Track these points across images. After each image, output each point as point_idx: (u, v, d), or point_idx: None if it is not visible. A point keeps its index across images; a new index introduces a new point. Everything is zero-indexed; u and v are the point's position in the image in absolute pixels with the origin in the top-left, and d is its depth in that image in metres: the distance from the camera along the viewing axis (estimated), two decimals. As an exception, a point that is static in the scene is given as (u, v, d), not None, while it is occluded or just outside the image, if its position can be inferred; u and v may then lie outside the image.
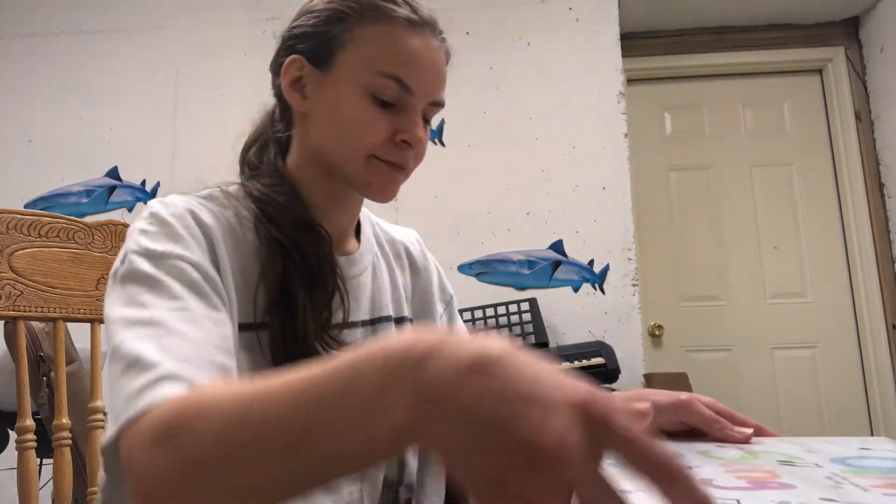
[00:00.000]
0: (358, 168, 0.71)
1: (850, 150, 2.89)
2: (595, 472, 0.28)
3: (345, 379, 0.35)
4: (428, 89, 0.72)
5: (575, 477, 0.28)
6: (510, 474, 0.28)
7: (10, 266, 0.87)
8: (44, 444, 0.98)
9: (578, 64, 2.64)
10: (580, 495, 0.28)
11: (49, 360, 1.53)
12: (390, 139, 0.70)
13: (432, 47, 0.72)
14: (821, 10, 2.91)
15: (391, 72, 0.69)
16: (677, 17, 2.94)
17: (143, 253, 0.61)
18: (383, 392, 0.33)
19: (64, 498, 0.87)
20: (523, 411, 0.29)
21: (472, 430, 0.29)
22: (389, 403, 0.32)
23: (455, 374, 0.31)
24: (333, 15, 0.71)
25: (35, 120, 2.70)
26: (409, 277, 0.87)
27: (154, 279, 0.60)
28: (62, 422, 0.90)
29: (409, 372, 0.32)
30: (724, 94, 3.04)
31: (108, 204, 2.63)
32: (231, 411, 0.40)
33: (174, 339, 0.56)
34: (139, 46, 2.74)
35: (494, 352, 0.31)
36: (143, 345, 0.54)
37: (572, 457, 0.28)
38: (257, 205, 0.70)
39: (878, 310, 2.78)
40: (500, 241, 2.53)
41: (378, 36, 0.69)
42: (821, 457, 0.45)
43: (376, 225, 0.88)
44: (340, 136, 0.71)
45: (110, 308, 0.60)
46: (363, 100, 0.69)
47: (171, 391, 0.48)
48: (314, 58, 0.72)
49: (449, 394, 0.30)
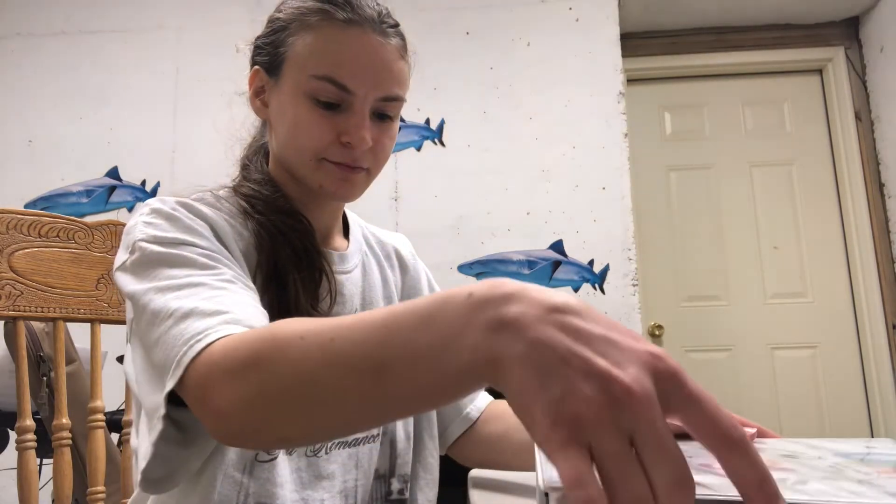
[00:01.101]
0: (309, 171, 0.73)
1: (850, 150, 2.89)
2: (661, 421, 0.28)
3: (427, 313, 0.36)
4: (370, 86, 0.71)
5: (642, 420, 0.28)
6: (579, 407, 0.28)
7: (10, 266, 0.87)
8: (44, 444, 0.98)
9: (578, 64, 2.64)
10: (638, 444, 0.28)
11: (49, 360, 1.53)
12: (336, 140, 0.71)
13: (372, 44, 0.71)
14: (821, 10, 2.91)
15: (325, 73, 0.69)
16: (677, 17, 2.94)
17: (153, 240, 0.62)
18: (466, 326, 0.33)
19: (64, 498, 0.87)
20: (602, 349, 0.30)
21: (547, 360, 0.30)
22: (470, 336, 0.33)
23: (536, 311, 0.32)
24: (279, 25, 0.74)
25: (35, 120, 2.70)
26: (399, 276, 0.89)
27: (174, 256, 0.61)
28: (62, 422, 0.90)
29: (491, 308, 0.33)
30: (724, 94, 3.04)
31: (108, 204, 2.63)
32: (311, 344, 0.41)
33: (221, 294, 0.57)
34: (139, 46, 2.74)
35: (574, 299, 0.33)
36: (194, 301, 0.55)
37: (645, 397, 0.28)
38: (246, 200, 0.73)
39: (878, 310, 2.78)
40: (500, 241, 2.53)
41: (313, 40, 0.71)
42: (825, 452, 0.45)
43: (365, 227, 0.90)
44: (289, 142, 0.73)
45: (131, 286, 0.60)
46: (305, 104, 0.71)
47: (240, 329, 0.50)
48: (269, 68, 0.75)
49: (529, 326, 0.31)
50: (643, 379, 0.29)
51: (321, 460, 0.71)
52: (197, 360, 0.49)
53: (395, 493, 0.77)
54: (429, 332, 0.35)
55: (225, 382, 0.45)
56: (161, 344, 0.53)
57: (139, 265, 0.61)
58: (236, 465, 0.66)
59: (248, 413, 0.44)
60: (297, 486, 0.69)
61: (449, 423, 0.89)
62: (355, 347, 0.39)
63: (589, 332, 0.31)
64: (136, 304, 0.59)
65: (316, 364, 0.41)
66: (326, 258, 0.75)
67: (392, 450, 0.78)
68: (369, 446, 0.75)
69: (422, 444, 0.82)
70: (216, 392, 0.45)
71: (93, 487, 0.92)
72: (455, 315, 0.34)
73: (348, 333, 0.40)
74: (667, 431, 0.28)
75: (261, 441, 0.48)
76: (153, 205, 0.67)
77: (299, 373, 0.41)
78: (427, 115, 2.64)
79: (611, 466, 0.28)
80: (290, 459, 0.69)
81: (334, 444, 0.72)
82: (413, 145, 2.63)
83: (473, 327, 0.33)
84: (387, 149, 0.75)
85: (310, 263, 0.72)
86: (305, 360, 0.41)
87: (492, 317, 0.33)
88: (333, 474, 0.71)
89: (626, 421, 0.28)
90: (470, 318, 0.33)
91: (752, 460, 0.28)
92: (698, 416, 0.29)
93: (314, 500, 0.70)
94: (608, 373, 0.28)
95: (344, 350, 0.39)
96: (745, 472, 0.28)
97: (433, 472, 0.82)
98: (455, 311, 0.34)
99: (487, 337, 0.32)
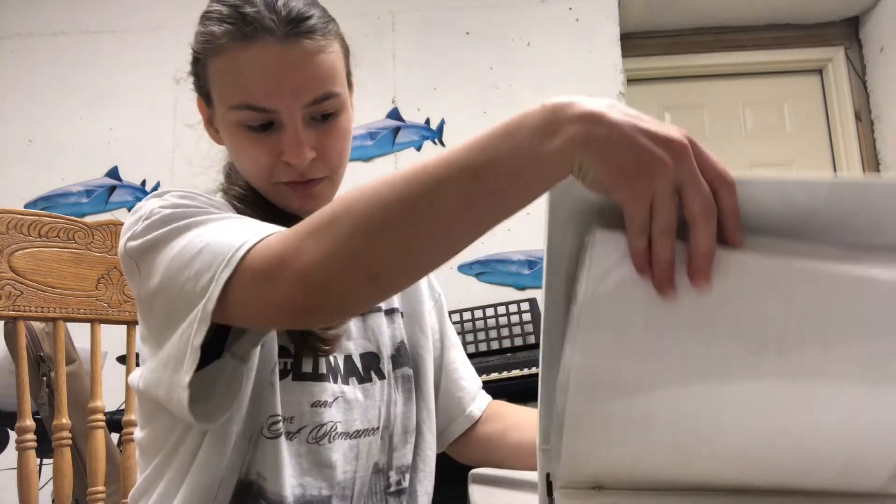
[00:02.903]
0: (270, 195, 0.73)
1: (850, 150, 2.89)
2: (696, 169, 0.39)
3: (510, 124, 0.43)
4: (289, 98, 0.67)
5: (689, 167, 0.38)
6: (651, 162, 0.38)
7: (10, 266, 0.87)
8: (44, 444, 0.98)
9: (578, 64, 2.63)
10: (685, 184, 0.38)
11: (49, 360, 1.53)
12: (278, 160, 0.69)
13: (273, 54, 0.66)
14: (821, 10, 2.91)
15: (240, 101, 0.67)
16: (677, 17, 2.94)
17: (173, 206, 0.63)
18: (553, 121, 0.41)
19: (64, 498, 0.87)
20: (657, 125, 0.40)
21: (624, 135, 0.39)
22: (560, 127, 0.41)
23: (605, 106, 0.41)
24: (195, 57, 0.72)
25: (35, 120, 2.70)
26: None
27: (200, 211, 0.62)
28: (62, 422, 0.90)
29: (568, 108, 0.41)
30: (724, 94, 3.04)
31: (108, 204, 2.63)
32: (399, 179, 0.45)
33: (265, 224, 0.57)
34: (139, 46, 2.74)
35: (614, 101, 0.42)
36: (240, 223, 0.56)
37: (691, 151, 0.39)
38: (239, 203, 0.73)
39: (878, 310, 2.77)
40: (500, 241, 2.53)
41: (223, 67, 0.68)
42: None
43: None
44: (243, 171, 0.74)
45: (154, 234, 0.60)
46: (238, 133, 0.69)
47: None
48: (205, 98, 0.74)
49: (604, 114, 0.40)
50: (685, 140, 0.39)
51: (322, 448, 0.71)
52: (259, 245, 0.50)
53: (393, 486, 0.78)
54: (520, 131, 0.43)
55: (310, 240, 0.47)
56: (207, 250, 0.54)
57: (161, 222, 0.61)
58: (242, 436, 0.67)
59: (341, 254, 0.46)
60: (296, 472, 0.69)
61: (452, 420, 0.89)
62: (447, 165, 0.44)
63: (639, 115, 0.41)
64: (170, 236, 0.59)
65: (411, 189, 0.44)
66: None
67: (390, 443, 0.78)
68: (369, 439, 0.75)
69: (421, 436, 0.82)
70: (300, 253, 0.47)
71: (93, 487, 0.92)
72: (539, 117, 0.42)
73: (438, 158, 0.45)
74: (700, 175, 0.39)
75: (348, 285, 0.48)
76: (163, 192, 0.67)
77: (396, 199, 0.45)
78: (427, 115, 2.64)
79: (661, 202, 0.38)
80: (290, 445, 0.69)
81: (337, 434, 0.72)
82: (413, 145, 2.63)
83: (560, 119, 0.41)
84: (337, 150, 0.72)
85: None
86: (399, 189, 0.45)
87: (574, 110, 0.41)
88: (334, 464, 0.72)
89: (679, 170, 0.38)
90: (555, 115, 0.41)
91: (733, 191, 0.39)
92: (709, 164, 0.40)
93: (312, 487, 0.70)
94: (668, 137, 0.39)
95: (435, 171, 0.44)
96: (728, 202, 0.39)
97: (431, 465, 0.83)
98: (537, 115, 0.42)
99: (576, 124, 0.40)
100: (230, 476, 0.66)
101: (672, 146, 0.39)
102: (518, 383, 1.73)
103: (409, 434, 0.80)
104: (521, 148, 0.42)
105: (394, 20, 2.67)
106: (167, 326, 0.58)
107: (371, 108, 2.58)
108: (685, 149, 0.39)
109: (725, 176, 0.39)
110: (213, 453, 0.66)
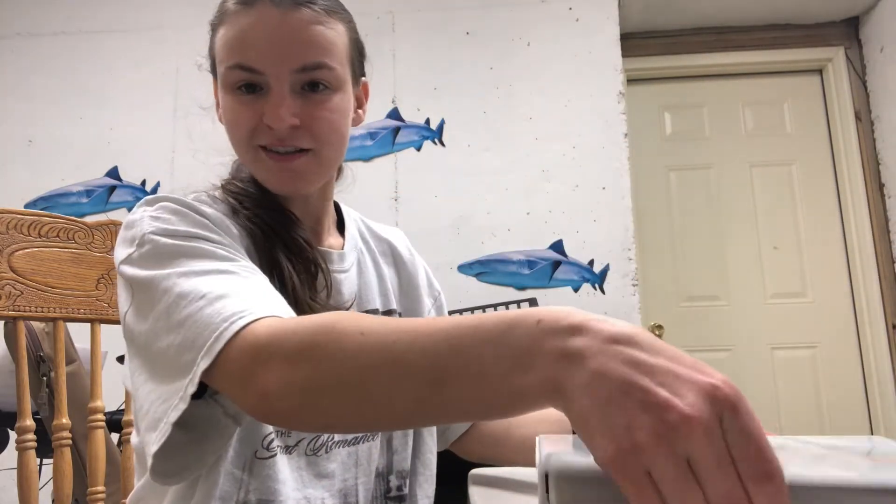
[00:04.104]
0: (250, 164, 0.73)
1: (850, 150, 2.89)
2: (718, 442, 0.29)
3: (495, 333, 0.38)
4: (279, 61, 0.68)
5: (698, 443, 0.29)
6: (638, 435, 0.30)
7: (10, 266, 0.87)
8: (44, 444, 0.98)
9: (578, 64, 2.63)
10: (695, 465, 0.29)
11: (49, 360, 1.53)
12: (261, 123, 0.69)
13: (270, 17, 0.67)
14: (821, 10, 2.91)
15: (234, 62, 0.69)
16: (677, 17, 2.94)
17: (164, 233, 0.62)
18: (535, 352, 0.35)
19: (64, 498, 0.87)
20: (661, 380, 0.31)
21: (608, 391, 0.31)
22: (539, 363, 0.35)
23: (600, 343, 0.33)
24: (210, 33, 0.74)
25: (35, 120, 2.70)
26: (395, 271, 0.89)
27: (191, 248, 0.60)
28: (62, 422, 0.90)
29: (557, 339, 0.35)
30: (724, 94, 3.04)
31: (108, 204, 2.63)
32: (372, 342, 0.42)
33: (252, 282, 0.57)
34: (139, 46, 2.74)
35: (638, 331, 0.34)
36: (227, 285, 0.55)
37: (701, 422, 0.29)
38: (234, 197, 0.73)
39: (878, 310, 2.78)
40: (500, 241, 2.53)
41: (222, 36, 0.70)
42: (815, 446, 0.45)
43: (360, 221, 0.90)
44: (230, 139, 0.74)
45: (146, 273, 0.59)
46: (230, 96, 0.71)
47: (283, 315, 0.51)
48: (214, 74, 0.75)
49: (593, 358, 0.33)
50: (700, 405, 0.30)
51: (321, 459, 0.71)
52: (238, 338, 0.49)
53: (393, 490, 0.78)
54: (496, 351, 0.37)
55: (276, 364, 0.45)
56: (191, 324, 0.53)
57: (152, 256, 0.60)
58: (235, 462, 0.66)
59: (297, 398, 0.45)
60: (297, 485, 0.69)
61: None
62: (418, 354, 0.40)
63: (649, 363, 0.32)
64: (155, 288, 0.58)
65: (375, 362, 0.42)
66: (322, 257, 0.75)
67: (389, 448, 0.78)
68: (368, 444, 0.75)
69: (421, 440, 0.82)
70: (265, 373, 0.46)
71: (93, 487, 0.92)
72: (524, 339, 0.36)
73: (411, 339, 0.41)
74: (723, 452, 0.29)
75: (303, 425, 0.49)
76: (155, 201, 0.66)
77: (357, 367, 0.42)
78: (427, 115, 2.64)
79: (668, 489, 0.30)
80: (290, 458, 0.69)
81: (334, 442, 0.72)
82: (413, 145, 2.63)
83: (542, 355, 0.35)
84: (326, 121, 0.71)
85: (301, 255, 0.72)
86: (364, 356, 0.42)
87: (559, 346, 0.34)
88: (333, 473, 0.72)
89: (683, 446, 0.29)
90: (539, 344, 0.35)
91: (781, 498, 0.29)
92: (744, 448, 0.30)
93: (315, 498, 0.70)
94: (666, 402, 0.30)
95: (406, 355, 0.41)
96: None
97: (431, 469, 0.83)
98: (524, 336, 0.36)
99: (555, 366, 0.34)
100: (226, 502, 0.65)
101: (669, 414, 0.30)
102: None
103: (409, 438, 0.80)
104: (489, 375, 0.37)
105: (394, 20, 2.67)
106: (150, 374, 0.56)
107: (371, 108, 2.57)
108: (688, 420, 0.29)
109: (769, 466, 0.29)
110: (205, 480, 0.65)
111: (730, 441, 0.30)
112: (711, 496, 0.29)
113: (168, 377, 0.53)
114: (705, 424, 0.29)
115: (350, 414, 0.44)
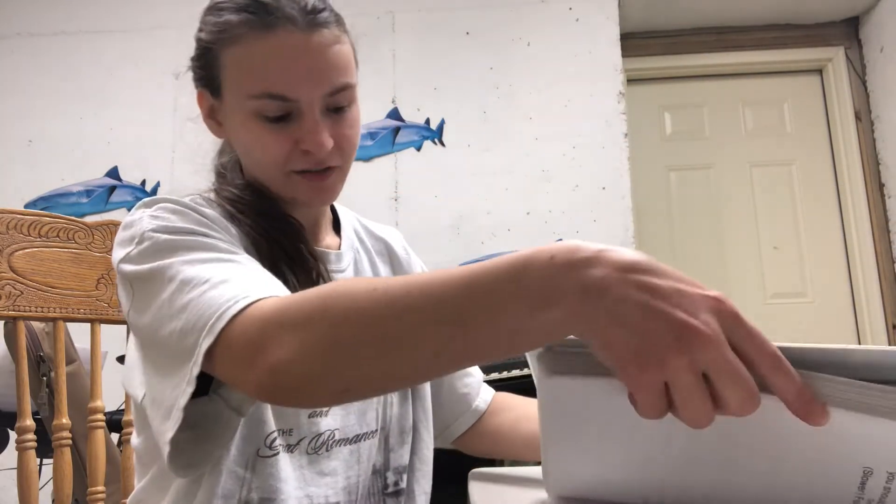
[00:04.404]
0: (280, 186, 0.72)
1: (850, 150, 2.89)
2: (729, 353, 0.34)
3: (511, 271, 0.39)
4: (311, 88, 0.67)
5: (713, 355, 0.34)
6: (659, 351, 0.34)
7: (10, 266, 0.87)
8: (44, 444, 0.98)
9: (578, 64, 2.63)
10: (712, 375, 0.34)
11: (49, 360, 1.53)
12: (295, 149, 0.69)
13: (300, 43, 0.66)
14: (821, 10, 2.91)
15: (262, 91, 0.67)
16: (677, 17, 2.94)
17: (164, 230, 0.62)
18: (554, 286, 0.37)
19: (64, 498, 0.87)
20: (675, 301, 0.35)
21: (628, 316, 0.35)
22: (560, 296, 0.37)
23: (616, 273, 0.36)
24: (205, 46, 0.71)
25: (35, 120, 2.70)
26: (391, 270, 0.89)
27: (193, 241, 0.60)
28: (62, 422, 0.90)
29: (576, 273, 0.37)
30: (724, 94, 3.04)
31: (108, 204, 2.63)
32: (385, 295, 0.42)
33: (255, 271, 0.57)
34: (139, 46, 2.74)
35: (645, 257, 0.37)
36: (230, 271, 0.55)
37: (714, 337, 0.34)
38: (232, 206, 0.72)
39: (878, 310, 2.78)
40: (500, 241, 2.53)
41: (241, 56, 0.68)
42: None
43: (356, 220, 0.89)
44: (253, 161, 0.73)
45: (147, 264, 0.59)
46: (253, 123, 0.69)
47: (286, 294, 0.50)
48: (211, 90, 0.73)
49: (610, 287, 0.35)
50: (711, 321, 0.35)
51: (322, 458, 0.71)
52: (242, 315, 0.48)
53: (391, 486, 0.78)
54: (515, 288, 0.38)
55: (286, 334, 0.45)
56: (192, 307, 0.52)
57: (152, 251, 0.60)
58: (238, 460, 0.66)
59: (312, 362, 0.44)
60: (300, 483, 0.69)
61: (457, 417, 0.89)
62: (436, 301, 0.40)
63: (662, 287, 0.35)
64: (157, 279, 0.57)
65: (391, 312, 0.42)
66: (321, 259, 0.75)
67: (386, 444, 0.78)
68: (369, 442, 0.75)
69: (419, 436, 0.82)
70: (274, 345, 0.45)
71: (93, 487, 0.92)
72: (540, 275, 0.37)
73: (425, 287, 0.41)
74: (735, 360, 0.34)
75: (318, 393, 0.46)
76: (153, 203, 0.66)
77: (374, 319, 0.42)
78: (427, 115, 2.64)
79: (684, 395, 0.34)
80: (291, 457, 0.69)
81: (336, 441, 0.72)
82: (413, 145, 2.63)
83: (564, 289, 0.37)
84: (351, 139, 0.72)
85: (304, 265, 0.71)
86: (382, 308, 0.42)
87: (580, 279, 0.36)
88: (336, 471, 0.72)
89: (701, 358, 0.34)
90: (559, 279, 0.37)
91: (791, 377, 0.35)
92: (752, 348, 0.35)
93: (318, 496, 0.70)
94: (684, 322, 0.34)
95: (421, 302, 0.41)
96: (787, 385, 0.35)
97: (428, 465, 0.83)
98: (540, 271, 0.38)
99: (578, 298, 0.36)
100: (229, 501, 0.65)
101: (688, 332, 0.34)
102: (518, 382, 1.73)
103: (406, 434, 0.80)
104: (509, 312, 0.38)
105: (394, 20, 2.67)
106: (156, 366, 0.57)
107: (371, 108, 2.58)
108: (704, 337, 0.34)
109: (775, 356, 0.35)
110: (208, 479, 0.65)
111: (737, 344, 0.35)
112: (729, 397, 0.34)
113: (174, 366, 0.53)
114: (717, 338, 0.34)
115: (373, 371, 0.43)
